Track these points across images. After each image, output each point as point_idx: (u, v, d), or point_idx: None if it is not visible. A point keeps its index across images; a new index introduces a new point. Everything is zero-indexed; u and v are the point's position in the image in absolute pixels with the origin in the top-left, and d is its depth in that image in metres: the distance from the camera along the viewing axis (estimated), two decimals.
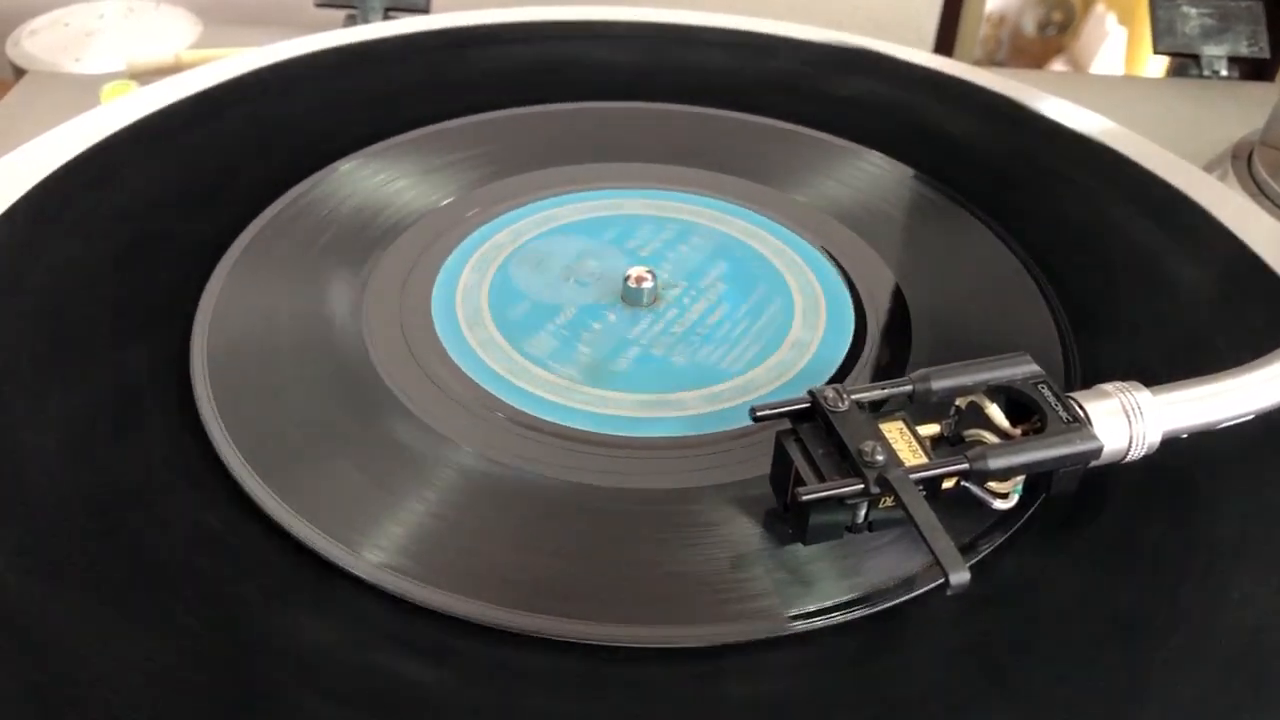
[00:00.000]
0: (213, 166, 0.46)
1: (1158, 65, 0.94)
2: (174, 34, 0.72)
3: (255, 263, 0.41)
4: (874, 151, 0.50)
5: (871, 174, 0.49)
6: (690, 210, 0.46)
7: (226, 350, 0.37)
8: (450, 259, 0.42)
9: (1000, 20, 1.22)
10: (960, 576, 0.27)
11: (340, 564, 0.30)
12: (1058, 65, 1.22)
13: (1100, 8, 1.19)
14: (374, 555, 0.30)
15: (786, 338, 0.39)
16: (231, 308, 0.38)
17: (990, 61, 1.20)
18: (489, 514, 0.32)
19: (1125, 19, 1.17)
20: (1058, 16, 1.21)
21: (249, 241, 0.41)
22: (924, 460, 0.29)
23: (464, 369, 0.37)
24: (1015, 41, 1.24)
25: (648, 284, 0.40)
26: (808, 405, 0.31)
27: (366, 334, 0.38)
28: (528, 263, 0.42)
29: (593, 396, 0.36)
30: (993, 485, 0.30)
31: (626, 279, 0.40)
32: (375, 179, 0.46)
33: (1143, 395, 0.32)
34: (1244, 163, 0.58)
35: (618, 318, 0.40)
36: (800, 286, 0.42)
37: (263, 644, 0.28)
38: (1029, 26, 1.22)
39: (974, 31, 1.02)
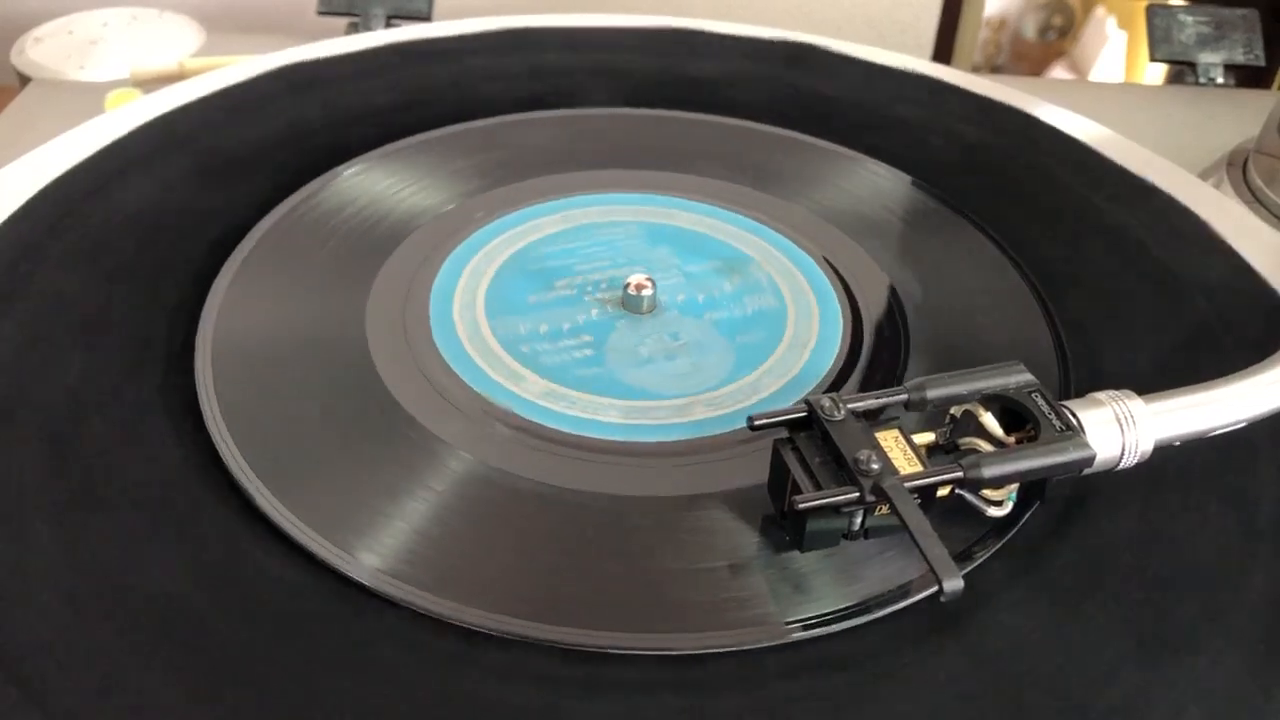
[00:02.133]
0: (217, 173, 0.46)
1: (1158, 69, 0.95)
2: (178, 42, 0.72)
3: (259, 268, 0.41)
4: (871, 159, 0.50)
5: (869, 181, 0.49)
6: (689, 217, 0.46)
7: (230, 354, 0.37)
8: (451, 264, 0.42)
9: (1000, 24, 1.22)
10: (954, 583, 0.27)
11: (340, 569, 0.30)
12: (1058, 69, 1.23)
13: (1100, 12, 1.20)
14: (372, 560, 0.30)
15: (782, 345, 0.40)
16: (235, 312, 0.39)
17: (990, 65, 1.21)
18: (487, 520, 0.32)
19: (1125, 23, 1.18)
20: (1058, 21, 1.21)
21: (252, 247, 0.42)
22: (919, 469, 0.30)
23: (463, 376, 0.37)
24: (1015, 45, 1.24)
25: (647, 291, 0.40)
26: (805, 414, 0.31)
27: (369, 339, 0.38)
28: (527, 269, 0.42)
29: (591, 403, 0.36)
30: (987, 493, 0.31)
31: (626, 286, 0.40)
32: (378, 185, 0.46)
33: (1135, 404, 0.32)
34: (1239, 170, 0.58)
35: (617, 324, 0.40)
36: (797, 294, 0.42)
37: (265, 646, 0.28)
38: (1029, 30, 1.23)
39: (972, 37, 1.02)
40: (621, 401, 0.37)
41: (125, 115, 0.49)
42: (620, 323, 0.40)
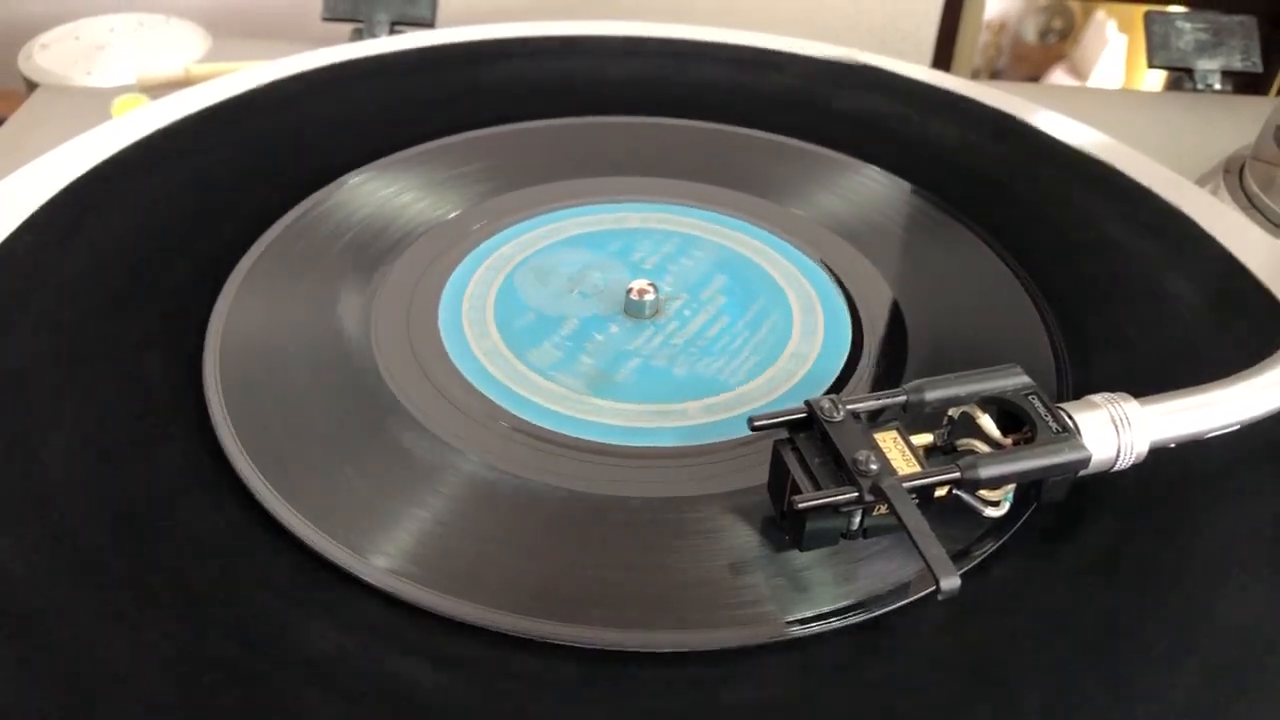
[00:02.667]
0: (223, 179, 0.47)
1: (1157, 74, 0.95)
2: (184, 48, 0.73)
3: (266, 274, 0.41)
4: (872, 166, 0.50)
5: (869, 188, 0.49)
6: (691, 223, 0.47)
7: (238, 360, 0.37)
8: (457, 271, 0.43)
9: (1001, 27, 1.23)
10: (951, 582, 0.28)
11: (349, 569, 0.31)
12: (1058, 72, 1.23)
13: (1101, 15, 1.20)
14: (381, 560, 0.31)
15: (785, 349, 0.40)
16: (243, 319, 0.39)
17: (990, 68, 1.21)
18: (491, 521, 0.33)
19: (1125, 26, 1.18)
20: (1058, 24, 1.22)
21: (260, 254, 0.42)
22: (917, 469, 0.30)
23: (469, 379, 0.38)
24: (1016, 49, 1.25)
25: (649, 296, 0.41)
26: (805, 415, 0.31)
27: (375, 344, 0.39)
28: (532, 275, 0.43)
29: (594, 406, 0.37)
30: (984, 493, 0.31)
31: (629, 291, 0.41)
32: (383, 192, 0.47)
33: (1131, 406, 0.32)
34: (1236, 176, 0.59)
35: (620, 329, 0.40)
36: (799, 299, 0.42)
37: (272, 648, 0.29)
38: (1029, 33, 1.23)
39: (972, 43, 1.03)
40: (625, 404, 0.37)
41: (134, 121, 0.49)
42: (624, 327, 0.40)
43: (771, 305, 0.42)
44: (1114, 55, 1.19)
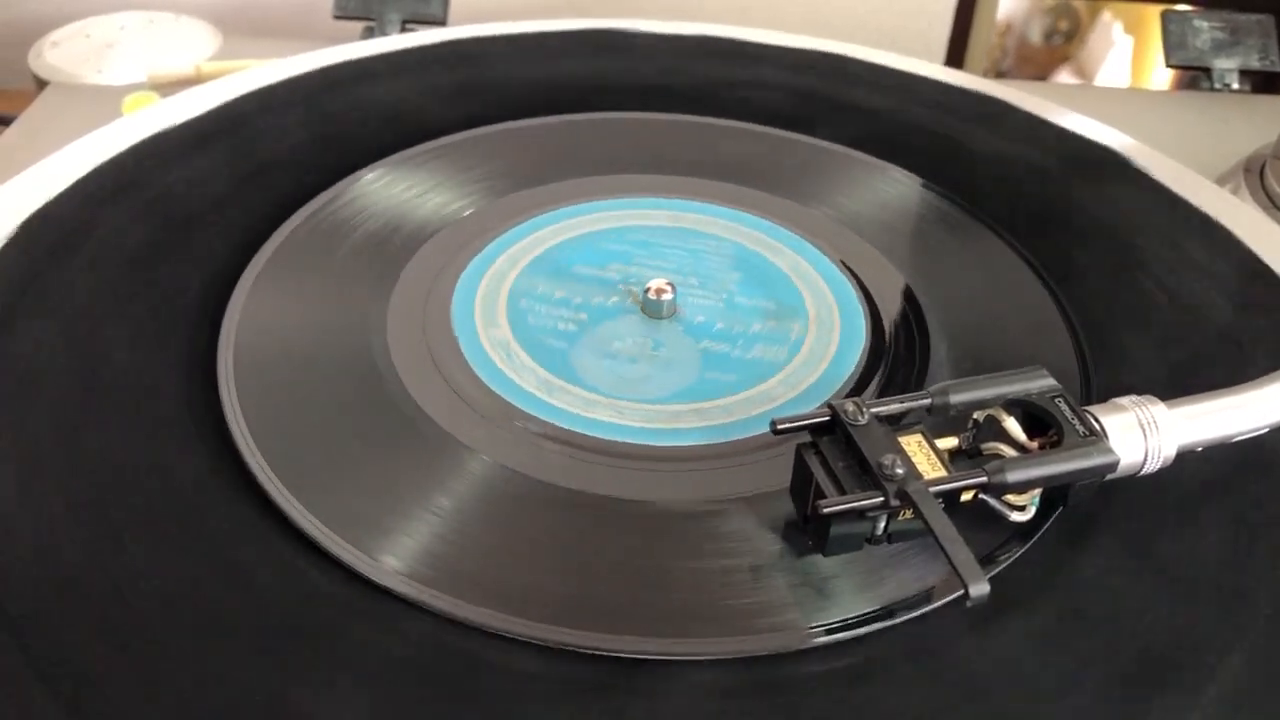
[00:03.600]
0: (235, 178, 0.47)
1: (1164, 73, 0.95)
2: (194, 46, 0.72)
3: (279, 272, 0.41)
4: (891, 165, 0.50)
5: (888, 188, 0.49)
6: (709, 222, 0.46)
7: (252, 356, 0.37)
8: (471, 268, 0.42)
9: (1006, 28, 1.22)
10: (980, 588, 0.27)
11: (361, 571, 0.30)
12: (1064, 74, 1.23)
13: (1106, 16, 1.20)
14: (393, 563, 0.30)
15: (804, 350, 0.40)
16: (256, 316, 0.39)
17: (996, 70, 1.21)
18: (507, 524, 0.32)
19: (1131, 28, 1.17)
20: (1064, 25, 1.21)
21: (273, 251, 0.42)
22: (943, 473, 0.30)
23: (484, 379, 0.37)
24: (1021, 50, 1.24)
25: (667, 295, 0.40)
26: (828, 418, 0.31)
27: (391, 341, 0.38)
28: (547, 273, 0.43)
29: (612, 407, 0.37)
30: (1010, 498, 0.31)
31: (646, 290, 0.40)
32: (400, 189, 0.46)
33: (1158, 409, 0.32)
34: (1256, 176, 0.58)
35: (637, 329, 0.40)
36: (818, 299, 0.42)
37: (284, 647, 0.28)
38: (1035, 35, 1.23)
39: (985, 42, 1.02)
40: (641, 405, 0.37)
41: (145, 119, 0.49)
42: (640, 327, 0.40)
43: (790, 305, 0.42)
44: (1120, 56, 1.19)
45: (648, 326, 0.40)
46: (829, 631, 0.29)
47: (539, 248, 0.44)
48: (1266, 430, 0.33)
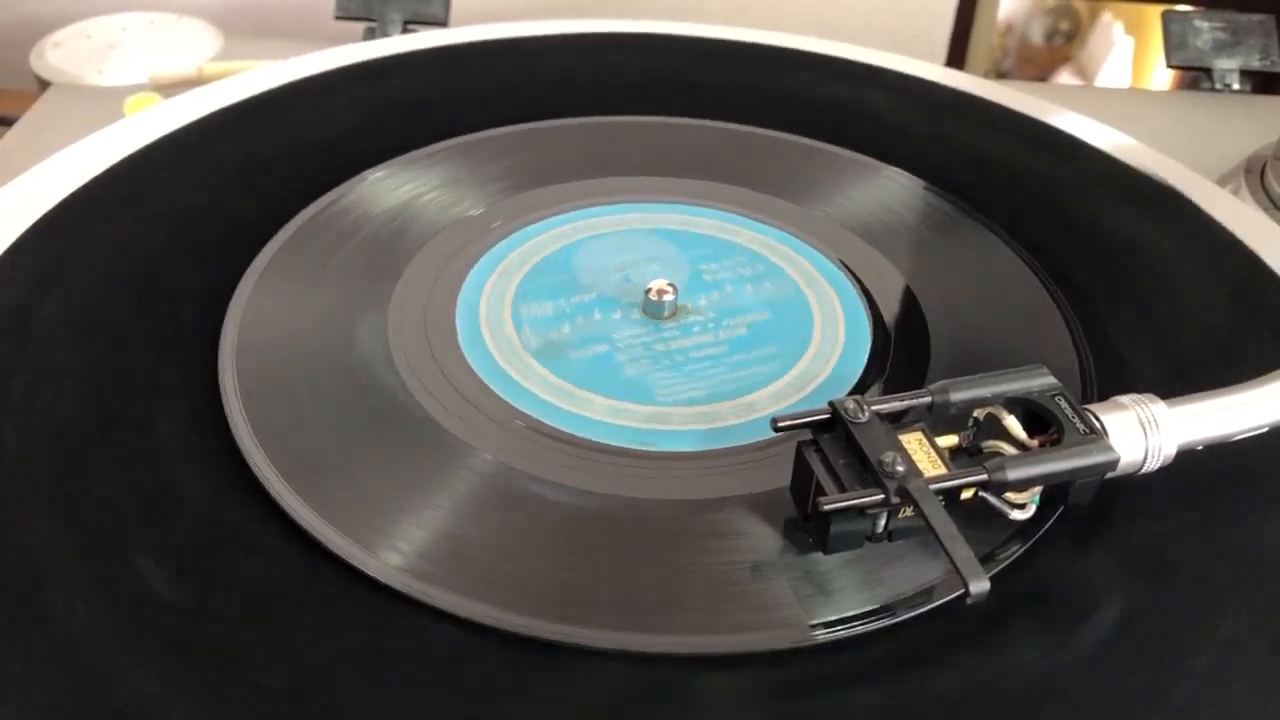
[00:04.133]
0: (238, 178, 0.47)
1: (1164, 74, 0.95)
2: (196, 46, 0.72)
3: (282, 272, 0.41)
4: (891, 166, 0.50)
5: (889, 189, 0.49)
6: (710, 224, 0.46)
7: (255, 355, 0.37)
8: (475, 269, 0.42)
9: (1007, 29, 1.22)
10: (980, 586, 0.27)
11: (362, 568, 0.30)
12: (1064, 74, 1.23)
13: (1107, 17, 1.20)
14: (394, 559, 0.31)
15: (806, 350, 0.40)
16: (260, 315, 0.39)
17: (996, 70, 1.21)
18: (509, 521, 0.32)
19: (1132, 29, 1.18)
20: (1064, 26, 1.21)
21: (276, 251, 0.42)
22: (943, 471, 0.30)
23: (486, 379, 0.37)
24: (1022, 50, 1.24)
25: (669, 297, 0.40)
26: (828, 416, 0.31)
27: (392, 340, 0.38)
28: (549, 274, 0.43)
29: (613, 407, 0.37)
30: (1010, 496, 0.31)
31: (648, 291, 0.41)
32: (403, 190, 0.46)
33: (1158, 407, 0.32)
34: (1257, 177, 0.58)
35: (639, 329, 0.40)
36: (819, 299, 0.42)
37: (287, 644, 0.28)
38: (1036, 35, 1.23)
39: (986, 43, 1.02)
40: (644, 406, 0.37)
41: (147, 120, 0.49)
42: (642, 327, 0.40)
43: (792, 305, 0.42)
44: (1120, 57, 1.19)
45: (650, 327, 0.40)
46: (830, 629, 0.29)
47: (542, 250, 0.44)
48: (1267, 429, 0.33)
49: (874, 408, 0.31)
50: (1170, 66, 0.73)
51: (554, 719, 0.28)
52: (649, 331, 0.40)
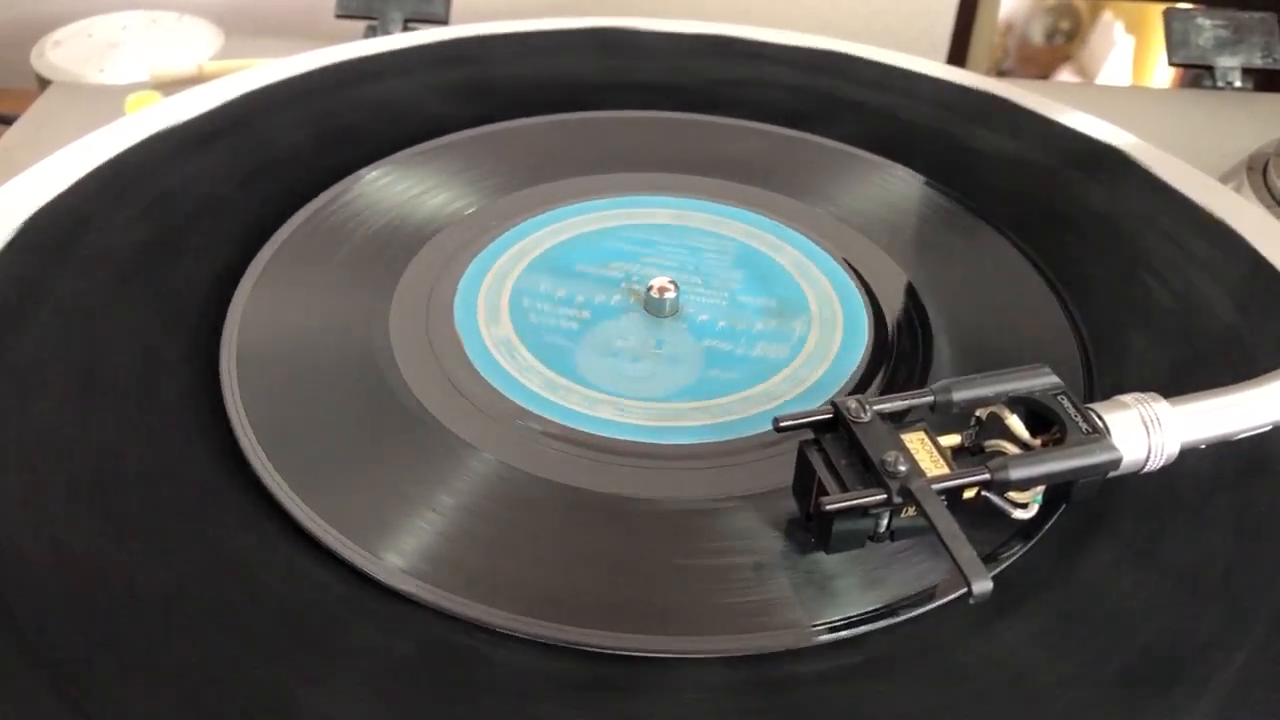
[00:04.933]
0: (237, 176, 0.47)
1: (1165, 73, 0.95)
2: (196, 45, 0.72)
3: (282, 271, 0.41)
4: (893, 163, 0.50)
5: (891, 186, 0.49)
6: (711, 220, 0.46)
7: (255, 354, 0.37)
8: (474, 266, 0.42)
9: (1008, 28, 1.22)
10: (983, 585, 0.27)
11: (363, 569, 0.30)
12: (1065, 73, 1.22)
13: (1108, 16, 1.20)
14: (395, 560, 0.30)
15: (807, 348, 0.40)
16: (259, 315, 0.39)
17: (997, 69, 1.21)
18: (509, 521, 0.32)
19: (1133, 27, 1.17)
20: (1065, 24, 1.21)
21: (275, 250, 0.42)
22: (945, 470, 0.30)
23: (487, 377, 0.37)
24: (1022, 49, 1.24)
25: (670, 294, 0.40)
26: (830, 416, 0.31)
27: (393, 340, 0.38)
28: (550, 271, 0.43)
29: (614, 405, 0.37)
30: (1013, 495, 0.31)
31: (649, 289, 0.40)
32: (402, 188, 0.46)
33: (1161, 406, 0.32)
34: (1259, 174, 0.58)
35: (640, 327, 0.40)
36: (820, 297, 0.42)
37: (287, 645, 0.28)
38: (1036, 34, 1.22)
39: (987, 41, 1.02)
40: (645, 403, 0.37)
41: (147, 118, 0.49)
42: (643, 324, 0.40)
43: (792, 302, 0.42)
44: (1121, 56, 1.19)
45: (650, 325, 0.40)
46: (832, 629, 0.29)
47: (541, 246, 0.44)
48: (1269, 428, 0.33)
49: (876, 407, 0.31)
50: (1172, 64, 0.73)
51: (550, 718, 0.28)
52: (650, 328, 0.40)
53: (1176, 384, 0.33)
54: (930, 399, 0.32)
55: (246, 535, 0.31)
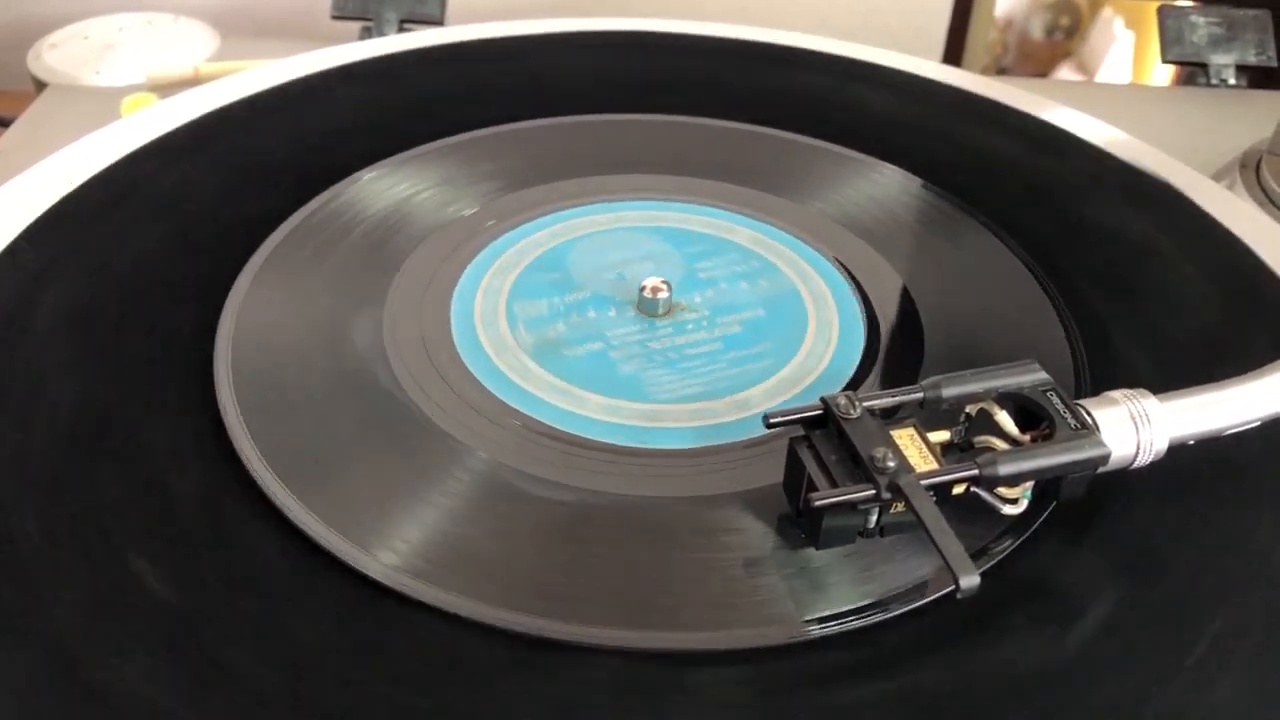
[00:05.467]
0: (234, 178, 0.47)
1: (1165, 69, 0.95)
2: (193, 47, 0.73)
3: (278, 272, 0.41)
4: (885, 163, 0.50)
5: (883, 185, 0.49)
6: (705, 221, 0.46)
7: (250, 355, 0.37)
8: (469, 269, 0.43)
9: (1007, 24, 1.22)
10: (970, 580, 0.27)
11: (357, 567, 0.30)
12: (1065, 69, 1.23)
13: (1108, 12, 1.20)
14: (390, 558, 0.31)
15: (800, 347, 0.40)
16: (254, 316, 0.39)
17: (997, 66, 1.21)
18: (504, 520, 0.33)
19: (1133, 23, 1.17)
20: (1065, 21, 1.21)
21: (271, 251, 0.42)
22: (934, 466, 0.30)
23: (481, 378, 0.37)
24: (1022, 46, 1.24)
25: (663, 294, 0.40)
26: (820, 412, 0.31)
27: (387, 341, 0.39)
28: (544, 273, 0.43)
29: (607, 405, 0.37)
30: (1002, 490, 0.31)
31: (642, 289, 0.41)
32: (398, 190, 0.46)
33: (1150, 402, 0.32)
34: (1252, 172, 0.58)
35: (633, 327, 0.40)
36: (813, 296, 0.42)
37: (283, 643, 0.29)
38: (1036, 30, 1.23)
39: (983, 39, 1.02)
40: (638, 404, 0.37)
41: (144, 120, 0.49)
42: (637, 325, 0.40)
43: (786, 302, 0.42)
44: (1121, 52, 1.19)
45: (644, 325, 0.40)
46: (823, 625, 0.30)
47: (537, 248, 0.44)
48: (1258, 423, 0.33)
49: (866, 403, 0.31)
50: (1166, 62, 0.73)
51: (548, 716, 0.28)
52: (643, 329, 0.40)
53: (1166, 380, 0.33)
54: (920, 395, 0.32)
55: (240, 534, 0.31)
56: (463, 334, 0.39)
